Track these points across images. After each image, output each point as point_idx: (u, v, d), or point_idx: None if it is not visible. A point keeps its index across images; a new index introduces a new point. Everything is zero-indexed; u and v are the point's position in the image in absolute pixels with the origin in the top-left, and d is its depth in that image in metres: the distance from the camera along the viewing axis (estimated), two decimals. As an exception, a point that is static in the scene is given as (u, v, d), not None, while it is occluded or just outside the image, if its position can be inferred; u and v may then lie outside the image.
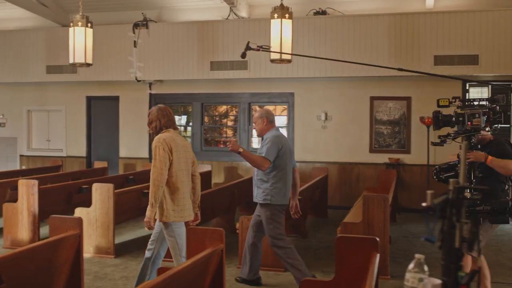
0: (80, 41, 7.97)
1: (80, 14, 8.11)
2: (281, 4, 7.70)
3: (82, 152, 12.77)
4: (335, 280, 3.85)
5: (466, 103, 4.45)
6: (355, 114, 11.03)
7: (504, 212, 4.38)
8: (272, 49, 7.06)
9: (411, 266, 2.20)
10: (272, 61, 7.39)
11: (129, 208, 7.83)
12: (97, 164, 11.45)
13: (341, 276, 3.80)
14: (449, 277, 2.24)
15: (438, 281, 2.20)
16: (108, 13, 12.11)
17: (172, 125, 5.07)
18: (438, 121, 4.48)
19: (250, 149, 11.22)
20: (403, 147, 10.83)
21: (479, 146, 4.95)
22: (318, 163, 11.03)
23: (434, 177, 4.90)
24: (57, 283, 4.38)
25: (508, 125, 8.16)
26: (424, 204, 2.22)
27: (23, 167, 12.75)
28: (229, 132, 12.23)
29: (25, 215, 7.50)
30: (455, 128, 4.53)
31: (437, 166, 4.92)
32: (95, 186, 7.14)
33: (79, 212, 7.12)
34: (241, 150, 5.51)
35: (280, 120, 11.74)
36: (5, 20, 13.12)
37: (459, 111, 4.42)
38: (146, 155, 12.14)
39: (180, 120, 12.76)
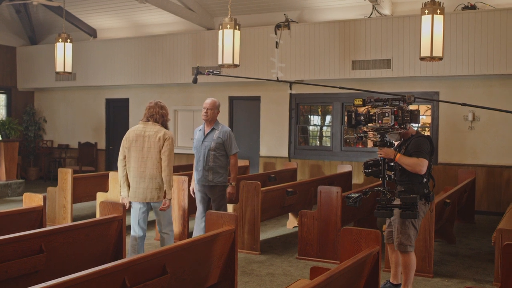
0: (228, 43, 8.20)
1: (229, 17, 8.35)
2: (432, -1, 7.37)
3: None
4: (501, 290, 3.63)
5: (377, 103, 4.74)
6: (505, 114, 10.31)
7: (412, 207, 4.61)
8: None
9: None
10: (422, 58, 7.11)
11: (272, 205, 7.94)
12: (239, 163, 11.70)
13: (509, 287, 3.56)
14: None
15: None
16: (251, 15, 12.39)
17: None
18: (351, 119, 4.84)
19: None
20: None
21: (402, 140, 5.15)
22: (464, 166, 10.51)
23: (363, 171, 5.09)
24: (212, 275, 4.55)
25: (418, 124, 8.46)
26: None
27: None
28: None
29: (176, 209, 7.89)
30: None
31: (365, 162, 5.07)
32: (243, 184, 7.31)
33: (229, 208, 7.32)
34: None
35: (423, 121, 11.34)
36: (154, 26, 13.90)
37: (372, 110, 4.75)
38: (286, 155, 12.28)
39: (314, 120, 12.77)
